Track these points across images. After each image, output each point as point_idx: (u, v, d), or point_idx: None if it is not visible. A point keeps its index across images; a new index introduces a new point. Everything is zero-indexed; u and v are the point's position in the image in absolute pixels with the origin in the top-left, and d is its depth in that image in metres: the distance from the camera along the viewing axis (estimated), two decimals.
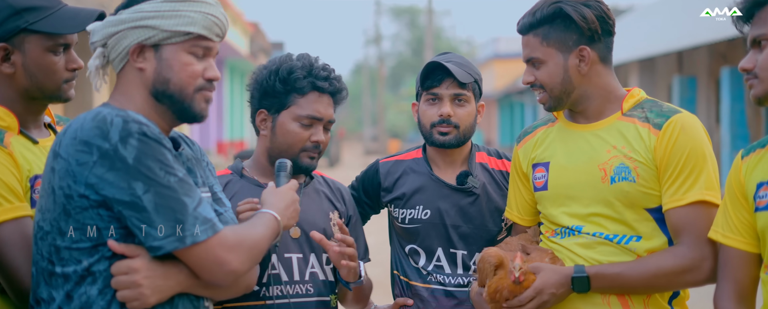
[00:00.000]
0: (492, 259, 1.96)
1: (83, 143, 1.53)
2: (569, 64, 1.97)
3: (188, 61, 1.64)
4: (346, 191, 2.31)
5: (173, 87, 1.64)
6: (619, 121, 2.00)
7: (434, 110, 2.30)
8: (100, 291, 1.56)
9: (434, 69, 2.30)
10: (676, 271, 1.90)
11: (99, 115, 1.55)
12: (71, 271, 1.56)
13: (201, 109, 1.67)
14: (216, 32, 1.67)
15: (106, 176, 1.52)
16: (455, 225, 2.31)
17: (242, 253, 1.60)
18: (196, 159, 1.76)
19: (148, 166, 1.52)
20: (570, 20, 1.96)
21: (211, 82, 1.67)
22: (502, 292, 1.93)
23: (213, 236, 1.56)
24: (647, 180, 1.94)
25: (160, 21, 1.62)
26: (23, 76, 1.86)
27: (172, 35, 1.63)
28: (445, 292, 2.31)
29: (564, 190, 2.02)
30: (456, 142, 2.31)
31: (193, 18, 1.63)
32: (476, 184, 2.33)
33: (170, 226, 1.53)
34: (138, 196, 1.52)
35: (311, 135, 2.13)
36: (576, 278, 1.92)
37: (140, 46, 1.64)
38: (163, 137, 1.58)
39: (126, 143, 1.52)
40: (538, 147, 2.11)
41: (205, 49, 1.66)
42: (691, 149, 1.91)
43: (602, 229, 1.98)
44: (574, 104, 2.03)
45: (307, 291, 2.11)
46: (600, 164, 1.97)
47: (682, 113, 1.97)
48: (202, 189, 1.72)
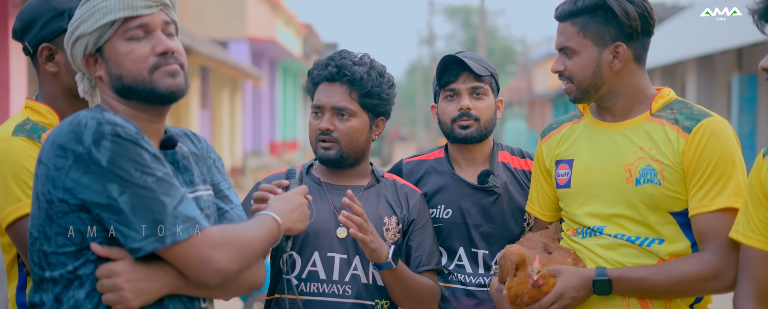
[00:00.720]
0: (514, 258, 1.92)
1: (60, 148, 1.53)
2: (603, 58, 1.93)
3: (128, 49, 1.58)
4: (415, 194, 2.24)
5: (126, 79, 1.60)
6: (647, 121, 1.95)
7: (453, 106, 2.29)
8: (87, 294, 1.56)
9: (450, 64, 2.30)
10: (700, 278, 1.85)
11: (75, 119, 1.55)
12: (58, 275, 1.56)
13: (167, 85, 1.59)
14: (141, 5, 1.59)
15: (81, 180, 1.51)
16: (477, 224, 2.30)
17: (230, 251, 1.56)
18: (198, 156, 1.74)
19: (123, 167, 1.51)
20: (612, 14, 1.91)
21: (166, 55, 1.59)
22: (522, 297, 1.90)
23: (196, 234, 1.53)
24: (673, 183, 1.89)
25: (84, 26, 1.60)
26: (66, 75, 1.93)
27: (99, 32, 1.59)
28: (466, 292, 2.29)
29: (587, 189, 1.98)
30: (478, 135, 2.29)
31: (108, 7, 1.58)
32: (497, 183, 2.31)
33: (149, 226, 1.51)
34: (114, 198, 1.50)
35: (318, 124, 2.14)
36: (597, 281, 1.88)
37: (88, 57, 1.62)
38: (141, 137, 1.56)
39: (99, 145, 1.51)
40: (563, 143, 2.07)
41: (141, 27, 1.59)
42: (720, 155, 1.86)
43: (624, 231, 1.93)
44: (601, 100, 1.99)
45: (345, 292, 2.10)
46: (625, 165, 1.93)
47: (712, 117, 1.91)
48: (201, 186, 1.70)
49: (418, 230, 2.21)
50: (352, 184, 2.18)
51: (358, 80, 2.13)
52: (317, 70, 2.18)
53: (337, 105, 2.12)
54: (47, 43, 1.92)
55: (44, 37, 1.92)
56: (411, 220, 2.21)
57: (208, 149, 1.78)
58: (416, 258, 2.18)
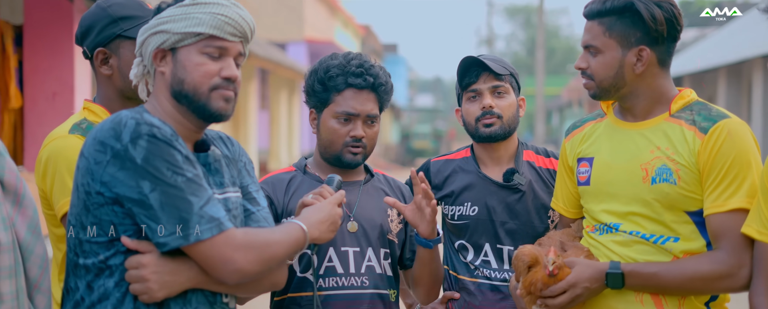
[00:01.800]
0: (525, 258, 1.97)
1: (100, 143, 1.62)
2: (626, 60, 1.94)
3: (201, 62, 1.69)
4: (406, 189, 2.35)
5: (188, 86, 1.70)
6: (666, 122, 1.96)
7: (476, 106, 2.35)
8: (116, 283, 1.64)
9: (470, 65, 2.35)
10: (712, 277, 1.86)
11: (116, 118, 1.65)
12: (90, 263, 1.66)
13: (218, 107, 1.70)
14: (228, 31, 1.70)
15: (117, 175, 1.60)
16: (502, 221, 2.34)
17: (250, 253, 1.63)
18: (230, 159, 1.82)
19: (156, 166, 1.59)
20: (639, 17, 1.92)
21: (229, 80, 1.70)
22: (536, 284, 1.94)
23: (218, 234, 1.61)
24: (688, 183, 1.90)
25: (172, 25, 1.69)
26: (119, 78, 2.07)
27: (184, 37, 1.69)
28: (491, 287, 2.34)
29: (605, 187, 2.00)
30: (502, 133, 2.34)
31: (202, 19, 1.68)
32: (522, 181, 2.35)
33: (174, 223, 1.59)
34: (145, 194, 1.59)
35: (350, 130, 2.18)
36: (610, 274, 1.91)
37: (160, 51, 1.72)
38: (175, 139, 1.65)
39: (136, 144, 1.60)
40: (585, 141, 2.10)
41: (219, 48, 1.70)
42: (736, 156, 1.86)
43: (639, 228, 1.95)
44: (622, 100, 2.01)
45: (362, 283, 2.17)
46: (642, 164, 1.95)
47: (730, 118, 1.91)
48: (230, 188, 1.77)
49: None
50: (351, 179, 2.25)
51: (387, 89, 2.22)
52: (347, 77, 2.18)
53: (370, 113, 2.19)
54: (102, 47, 2.06)
55: (100, 43, 2.06)
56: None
57: (240, 152, 1.86)
58: (413, 244, 2.28)
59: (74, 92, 7.04)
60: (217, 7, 1.70)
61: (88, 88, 7.34)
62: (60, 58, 6.99)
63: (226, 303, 1.76)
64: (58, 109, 7.01)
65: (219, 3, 1.71)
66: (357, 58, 2.22)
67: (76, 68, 7.05)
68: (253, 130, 15.49)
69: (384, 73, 2.23)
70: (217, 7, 1.70)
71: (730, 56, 14.63)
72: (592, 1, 1.99)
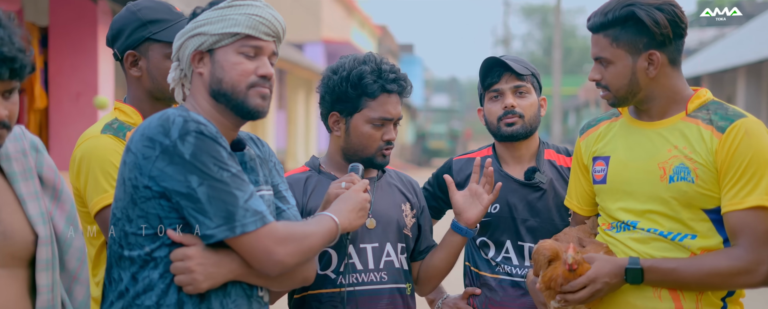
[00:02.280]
0: (546, 252, 2.01)
1: (148, 139, 1.68)
2: (637, 66, 1.98)
3: (238, 61, 1.75)
4: (417, 184, 2.40)
5: (226, 85, 1.75)
6: (683, 121, 2.00)
7: (498, 105, 2.40)
8: (161, 275, 1.70)
9: (492, 65, 2.40)
10: (731, 273, 1.90)
11: (164, 115, 1.70)
12: (136, 255, 1.71)
13: (256, 104, 1.76)
14: (263, 31, 1.76)
15: (166, 169, 1.65)
16: (523, 219, 2.39)
17: (290, 245, 1.70)
18: (262, 159, 1.88)
19: (203, 161, 1.65)
20: (642, 24, 1.95)
21: (265, 78, 1.76)
22: (556, 279, 1.98)
23: (262, 227, 1.67)
24: (706, 181, 1.94)
25: (209, 27, 1.75)
26: (148, 79, 2.14)
27: (221, 38, 1.75)
28: (512, 283, 2.39)
29: (622, 186, 2.04)
30: (523, 132, 2.38)
31: (238, 20, 1.74)
32: (543, 179, 2.40)
33: (221, 216, 1.65)
34: (193, 188, 1.65)
35: (383, 134, 2.22)
36: (630, 269, 1.95)
37: (198, 53, 1.78)
38: (220, 136, 1.70)
39: (184, 140, 1.66)
40: (600, 140, 2.13)
41: (255, 48, 1.76)
42: (753, 154, 1.90)
43: (657, 226, 1.99)
44: (639, 103, 2.04)
45: (382, 278, 2.21)
46: (660, 163, 1.98)
47: (747, 118, 1.95)
48: (264, 187, 1.84)
49: (424, 214, 2.35)
50: (365, 176, 2.28)
51: (409, 91, 2.27)
52: (384, 83, 2.19)
53: (400, 116, 2.25)
54: (132, 50, 2.13)
55: (130, 45, 2.13)
56: (421, 207, 2.35)
57: (270, 153, 1.93)
58: (425, 239, 2.34)
59: (98, 92, 7.13)
60: (251, 8, 1.76)
61: (111, 89, 7.44)
62: (84, 59, 7.10)
63: (261, 297, 1.82)
64: (82, 109, 7.12)
65: (253, 4, 1.77)
66: (386, 63, 2.26)
67: (99, 69, 7.16)
68: (271, 130, 15.58)
69: (407, 77, 2.28)
70: (251, 8, 1.76)
71: (750, 56, 14.53)
72: (594, 15, 2.01)
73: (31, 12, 7.04)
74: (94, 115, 7.14)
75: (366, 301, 2.19)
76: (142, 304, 1.71)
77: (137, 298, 1.71)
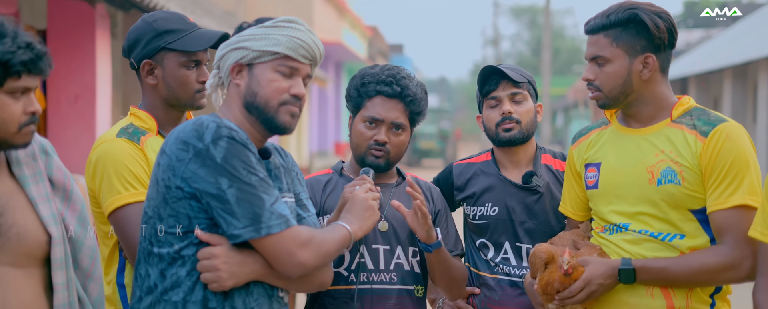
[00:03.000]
0: (542, 255, 2.12)
1: (183, 142, 1.77)
2: (633, 68, 2.10)
3: (274, 78, 1.85)
4: (436, 190, 2.47)
5: (260, 100, 1.85)
6: (668, 127, 2.12)
7: (496, 112, 2.50)
8: (188, 272, 1.79)
9: (489, 74, 2.51)
10: (717, 269, 2.02)
11: (198, 121, 1.80)
12: (165, 252, 1.80)
13: (285, 121, 1.87)
14: (302, 53, 1.87)
15: (198, 171, 1.75)
16: (521, 221, 2.50)
17: (311, 249, 1.79)
18: (285, 168, 1.97)
19: (234, 165, 1.74)
20: (643, 27, 2.08)
21: (296, 98, 1.87)
22: (553, 284, 2.09)
23: (286, 230, 1.76)
24: (692, 183, 2.06)
25: (252, 42, 1.86)
26: (163, 87, 2.24)
27: (261, 54, 1.85)
28: (510, 282, 2.49)
29: (613, 189, 2.16)
30: (520, 137, 2.49)
31: (279, 40, 1.85)
32: (540, 183, 2.50)
33: (248, 217, 1.74)
34: (223, 189, 1.74)
35: (374, 135, 2.31)
36: (623, 270, 2.06)
37: (238, 65, 1.88)
38: (250, 143, 1.80)
39: (216, 145, 1.75)
40: (591, 148, 2.25)
41: (291, 68, 1.86)
42: (735, 156, 2.02)
43: (648, 227, 2.11)
44: (628, 107, 2.15)
45: (391, 279, 2.31)
46: (648, 167, 2.10)
47: (728, 122, 2.07)
48: (287, 195, 1.93)
49: (442, 221, 2.43)
50: (383, 182, 2.40)
51: (416, 101, 2.34)
52: (377, 85, 2.32)
53: (395, 121, 2.32)
54: (148, 59, 2.22)
55: (146, 55, 2.22)
56: (437, 211, 2.42)
57: (293, 163, 2.03)
58: (445, 245, 2.40)
59: (96, 95, 7.20)
60: (294, 31, 1.86)
61: (108, 91, 7.50)
62: (82, 61, 7.16)
63: (281, 297, 1.91)
64: (81, 111, 7.17)
65: (296, 28, 1.87)
66: (392, 69, 2.36)
67: (97, 72, 7.21)
68: None
69: (416, 86, 2.35)
70: (293, 31, 1.86)
71: (736, 57, 14.72)
72: (595, 18, 2.13)
73: (28, 15, 7.09)
74: (92, 117, 7.20)
75: (375, 300, 2.29)
76: (170, 299, 1.79)
77: (165, 294, 1.80)
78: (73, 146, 7.04)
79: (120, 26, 8.04)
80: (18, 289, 1.72)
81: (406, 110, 2.35)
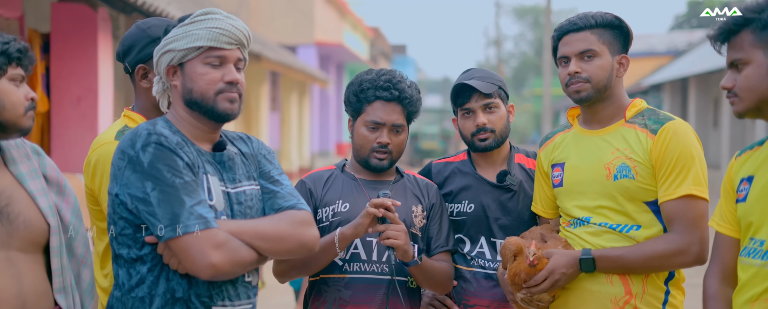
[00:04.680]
0: (511, 247, 2.29)
1: (121, 151, 1.87)
2: (614, 64, 2.29)
3: (204, 71, 1.90)
4: (432, 186, 2.60)
5: (196, 94, 1.91)
6: (623, 127, 2.30)
7: (470, 123, 2.63)
8: (149, 269, 1.87)
9: (461, 89, 2.63)
10: (667, 254, 2.18)
11: (136, 129, 1.89)
12: (125, 253, 1.89)
13: (225, 108, 1.91)
14: (224, 41, 1.90)
15: (130, 177, 1.83)
16: (496, 217, 2.63)
17: (224, 252, 1.81)
18: (248, 154, 2.02)
19: (158, 168, 1.81)
20: (622, 31, 2.29)
21: (231, 84, 1.90)
22: (520, 275, 2.26)
23: (203, 230, 1.79)
24: (645, 177, 2.23)
25: (176, 43, 1.92)
26: None
27: (187, 52, 1.91)
28: (485, 275, 2.62)
29: (575, 186, 2.32)
30: (495, 144, 2.63)
31: (199, 34, 1.90)
32: (514, 181, 2.64)
33: (168, 218, 1.79)
34: (147, 193, 1.80)
35: (377, 137, 2.46)
36: (583, 259, 2.23)
37: (170, 67, 1.94)
38: (179, 148, 1.86)
39: (145, 150, 1.83)
40: (556, 149, 2.43)
41: (219, 57, 1.91)
42: (681, 151, 2.19)
43: (607, 220, 2.27)
44: (598, 103, 2.31)
45: (383, 270, 2.43)
46: (605, 164, 2.27)
47: (675, 120, 2.25)
48: (245, 183, 1.97)
49: (436, 216, 2.56)
50: (382, 179, 2.55)
51: (412, 102, 2.49)
52: (375, 90, 2.45)
53: (395, 123, 2.46)
54: (142, 64, 2.33)
55: (140, 60, 2.32)
56: (431, 205, 2.56)
57: (260, 147, 2.07)
58: (437, 240, 2.55)
59: (98, 96, 7.34)
60: (211, 21, 1.91)
61: (110, 93, 7.65)
62: (84, 64, 7.30)
63: (248, 282, 1.97)
64: (83, 112, 7.32)
65: (213, 18, 1.92)
66: (387, 74, 2.49)
67: (99, 74, 7.36)
68: (265, 131, 15.78)
69: (411, 88, 2.49)
70: (211, 22, 1.91)
71: None
72: (579, 17, 2.29)
73: (32, 19, 7.25)
74: (94, 118, 7.34)
75: (365, 288, 2.42)
76: (137, 295, 1.88)
77: (132, 291, 1.89)
78: (76, 146, 7.19)
79: (122, 29, 8.18)
80: (28, 272, 1.87)
81: (404, 111, 2.48)
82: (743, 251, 1.92)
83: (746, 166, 1.96)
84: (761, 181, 1.88)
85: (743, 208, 1.92)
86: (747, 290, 1.87)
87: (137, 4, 7.19)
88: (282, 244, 1.91)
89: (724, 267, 1.99)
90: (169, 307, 1.87)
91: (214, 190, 1.91)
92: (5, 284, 1.82)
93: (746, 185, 1.91)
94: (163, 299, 1.87)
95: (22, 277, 1.86)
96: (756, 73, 1.82)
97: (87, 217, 2.34)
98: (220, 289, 1.91)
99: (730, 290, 1.97)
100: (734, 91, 1.87)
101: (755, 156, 1.94)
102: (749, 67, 1.83)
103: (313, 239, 1.96)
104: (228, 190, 1.94)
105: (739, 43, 1.85)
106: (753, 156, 1.95)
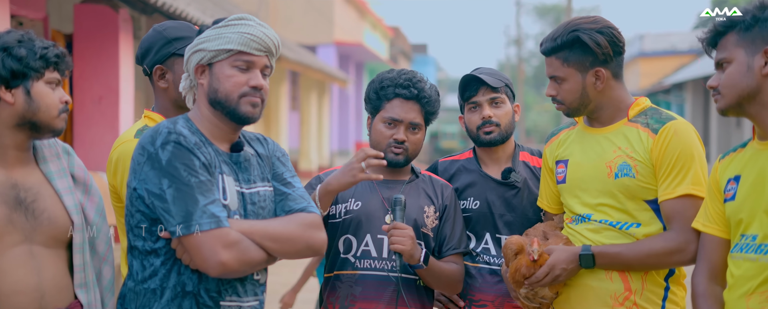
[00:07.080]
0: (513, 246, 2.35)
1: (141, 147, 1.93)
2: (587, 82, 2.30)
3: (231, 74, 1.96)
4: (448, 188, 2.64)
5: (221, 95, 1.97)
6: (625, 126, 2.33)
7: (477, 116, 2.69)
8: (162, 262, 1.93)
9: (469, 81, 2.70)
10: (665, 252, 2.22)
11: (156, 127, 1.95)
12: (140, 245, 1.95)
13: (246, 111, 1.97)
14: (254, 47, 1.97)
15: (149, 173, 1.88)
16: (501, 214, 2.68)
17: (235, 251, 1.86)
18: (263, 156, 2.08)
19: (176, 167, 1.87)
20: (586, 46, 2.27)
21: (256, 89, 1.97)
22: (520, 270, 2.31)
23: (215, 229, 1.84)
24: (645, 176, 2.26)
25: (208, 44, 1.98)
26: (173, 90, 2.40)
27: (217, 53, 1.97)
28: (490, 271, 2.68)
29: (578, 183, 2.37)
30: (500, 138, 2.68)
31: (231, 38, 1.96)
32: (518, 179, 2.69)
33: (181, 215, 1.84)
34: (163, 189, 1.86)
35: (393, 134, 2.52)
36: (582, 255, 2.27)
37: (199, 66, 2.00)
38: (197, 148, 1.92)
39: (164, 148, 1.88)
40: (561, 146, 2.47)
41: (247, 62, 1.97)
42: (681, 151, 2.22)
43: (607, 217, 2.31)
44: (591, 113, 2.37)
45: (393, 268, 2.48)
46: (607, 162, 2.31)
47: (677, 120, 2.28)
48: (259, 184, 2.03)
49: (450, 218, 2.60)
50: (397, 178, 2.60)
51: (431, 102, 2.55)
52: (395, 88, 2.52)
53: (413, 121, 2.52)
54: (160, 65, 2.40)
55: (158, 61, 2.40)
56: (444, 208, 2.60)
57: (275, 149, 2.13)
58: (449, 242, 2.59)
59: (119, 96, 7.47)
60: (244, 27, 1.98)
61: (131, 93, 7.78)
62: (106, 64, 7.44)
63: (257, 279, 2.02)
64: (104, 111, 7.46)
65: (246, 24, 1.98)
66: (408, 74, 2.56)
67: (120, 74, 7.49)
68: (284, 130, 15.90)
69: (430, 89, 2.56)
70: (244, 27, 1.98)
71: None
72: (545, 41, 2.33)
73: (56, 20, 7.40)
74: (115, 117, 7.48)
75: (375, 285, 2.48)
76: (149, 287, 1.95)
77: (144, 282, 1.96)
78: (97, 145, 7.33)
79: (143, 29, 8.32)
80: (49, 266, 1.96)
81: (422, 111, 2.54)
82: (734, 248, 1.96)
83: (731, 167, 2.00)
84: (748, 179, 1.92)
85: (732, 207, 1.96)
86: (740, 285, 1.91)
87: (157, 5, 7.32)
88: (290, 246, 1.96)
89: (712, 266, 2.04)
90: (178, 299, 1.93)
91: (228, 189, 1.96)
92: (25, 276, 1.90)
93: (734, 184, 1.96)
94: (174, 292, 1.93)
95: (43, 271, 1.94)
96: (737, 70, 1.88)
97: (111, 214, 2.43)
98: (229, 285, 1.96)
99: (718, 288, 2.01)
100: (718, 88, 1.93)
101: (739, 157, 1.99)
102: (731, 66, 1.90)
103: (321, 242, 2.01)
104: (242, 190, 1.99)
105: (724, 44, 1.93)
106: (737, 157, 2.00)
